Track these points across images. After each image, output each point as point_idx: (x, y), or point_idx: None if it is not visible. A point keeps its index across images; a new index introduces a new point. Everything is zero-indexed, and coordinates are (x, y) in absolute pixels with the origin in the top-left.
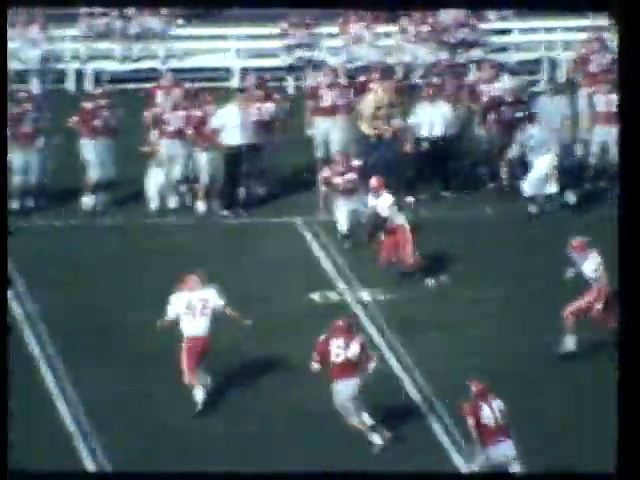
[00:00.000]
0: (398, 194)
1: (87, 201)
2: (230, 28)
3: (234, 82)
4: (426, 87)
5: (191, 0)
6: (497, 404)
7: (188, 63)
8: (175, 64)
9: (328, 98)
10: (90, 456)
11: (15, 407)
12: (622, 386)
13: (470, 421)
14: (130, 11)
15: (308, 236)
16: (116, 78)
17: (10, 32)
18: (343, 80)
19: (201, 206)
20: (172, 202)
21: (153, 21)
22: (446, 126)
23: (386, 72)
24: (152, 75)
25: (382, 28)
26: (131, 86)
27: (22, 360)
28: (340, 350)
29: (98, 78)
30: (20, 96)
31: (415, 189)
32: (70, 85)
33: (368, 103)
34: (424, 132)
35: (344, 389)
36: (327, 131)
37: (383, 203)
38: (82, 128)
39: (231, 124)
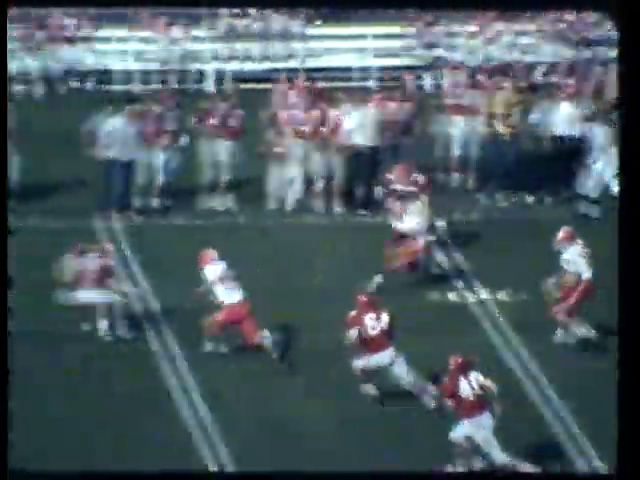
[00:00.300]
0: (520, 193)
1: (218, 201)
2: (366, 27)
3: (371, 82)
4: (555, 86)
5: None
6: (475, 376)
7: (325, 63)
8: (312, 64)
9: (465, 97)
10: (210, 454)
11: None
12: (622, 386)
13: (449, 397)
14: (269, 12)
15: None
16: (245, 77)
17: (150, 34)
18: (479, 79)
19: (337, 206)
20: (313, 203)
21: (291, 21)
22: (573, 125)
23: (518, 71)
24: (280, 76)
25: (518, 27)
26: (264, 86)
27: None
28: (374, 322)
29: (234, 78)
30: (159, 96)
31: (538, 189)
32: (209, 85)
33: (499, 102)
34: (555, 131)
35: (380, 359)
36: (464, 130)
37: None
38: (214, 129)
39: (367, 124)
